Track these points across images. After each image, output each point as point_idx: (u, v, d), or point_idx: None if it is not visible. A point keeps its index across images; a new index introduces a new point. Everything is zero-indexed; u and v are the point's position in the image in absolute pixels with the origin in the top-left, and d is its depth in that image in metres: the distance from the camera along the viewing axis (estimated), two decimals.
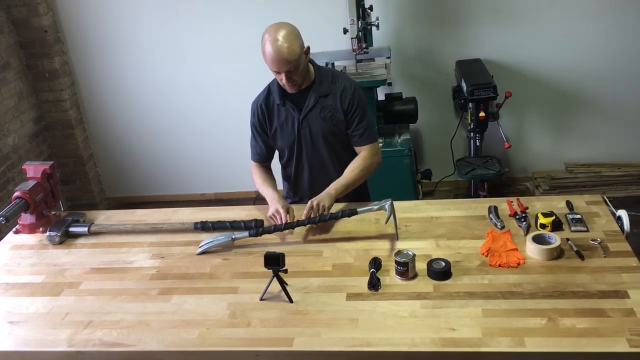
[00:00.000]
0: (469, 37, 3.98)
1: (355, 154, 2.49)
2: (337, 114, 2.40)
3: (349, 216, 2.25)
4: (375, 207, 2.23)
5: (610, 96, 4.04)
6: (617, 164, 4.17)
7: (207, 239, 2.28)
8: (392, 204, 2.19)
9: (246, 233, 2.26)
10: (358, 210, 2.25)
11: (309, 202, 2.28)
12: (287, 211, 2.30)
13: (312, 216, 2.25)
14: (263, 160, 2.58)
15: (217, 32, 4.12)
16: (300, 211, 2.29)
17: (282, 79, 2.29)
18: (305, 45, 2.29)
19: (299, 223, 2.25)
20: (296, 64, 2.25)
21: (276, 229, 2.24)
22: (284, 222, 2.26)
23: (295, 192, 2.63)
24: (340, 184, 2.37)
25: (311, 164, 2.51)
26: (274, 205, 2.34)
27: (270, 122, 2.46)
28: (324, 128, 2.41)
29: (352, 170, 2.41)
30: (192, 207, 2.62)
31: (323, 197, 2.31)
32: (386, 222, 2.20)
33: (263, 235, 2.27)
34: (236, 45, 4.14)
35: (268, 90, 2.47)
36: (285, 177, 2.64)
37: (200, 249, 2.25)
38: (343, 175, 2.41)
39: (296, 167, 2.53)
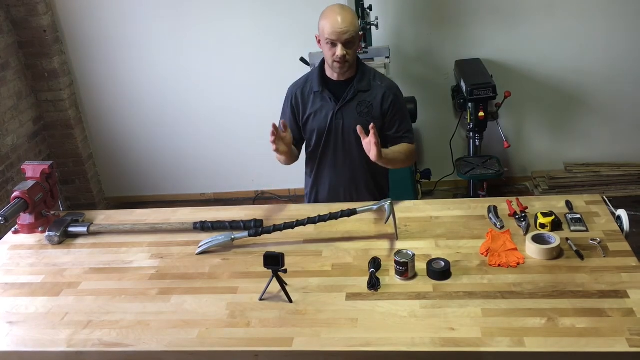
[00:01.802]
0: (469, 36, 3.99)
1: None
2: (373, 111, 2.42)
3: (348, 216, 2.25)
4: (375, 207, 2.23)
5: (610, 96, 4.05)
6: (617, 163, 4.18)
7: (207, 239, 2.28)
8: (391, 204, 2.19)
9: (245, 233, 2.26)
10: (357, 210, 2.25)
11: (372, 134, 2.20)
12: (282, 126, 2.28)
13: (373, 138, 2.18)
14: None
15: (217, 33, 4.12)
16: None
17: (337, 51, 2.29)
18: (360, 32, 2.33)
19: (299, 223, 2.24)
20: (355, 36, 2.29)
21: (276, 228, 2.24)
22: (272, 131, 2.21)
23: (313, 187, 2.63)
24: (392, 152, 2.37)
25: (336, 158, 2.51)
26: None
27: (304, 109, 2.48)
28: (357, 122, 2.40)
29: (399, 150, 2.42)
30: (192, 207, 2.62)
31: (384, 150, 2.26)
32: (385, 222, 2.20)
33: (262, 235, 2.26)
34: (236, 46, 4.14)
35: (306, 79, 2.51)
36: (308, 169, 2.64)
37: (200, 249, 2.25)
38: (394, 149, 2.41)
39: (321, 157, 2.53)
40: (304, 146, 2.62)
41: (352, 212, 2.25)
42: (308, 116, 2.48)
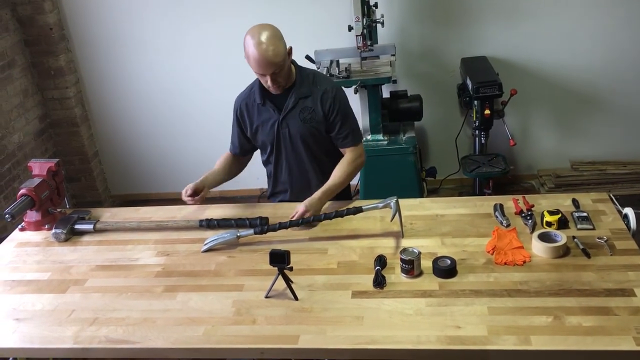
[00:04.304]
0: (474, 34, 3.97)
1: (334, 156, 2.51)
2: (316, 116, 2.41)
3: (354, 214, 2.25)
4: (381, 205, 2.22)
5: (616, 93, 4.03)
6: (623, 161, 4.16)
7: (212, 236, 2.28)
8: (397, 202, 2.18)
9: (251, 231, 2.26)
10: (363, 207, 2.25)
11: (301, 206, 2.29)
12: (195, 189, 2.37)
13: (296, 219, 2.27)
14: (236, 152, 2.62)
15: (222, 30, 4.12)
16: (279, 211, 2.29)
17: (267, 81, 2.30)
18: (288, 46, 2.31)
19: (304, 220, 2.25)
20: (281, 66, 2.26)
21: (281, 226, 2.24)
22: (183, 197, 2.35)
23: (275, 187, 2.66)
24: (329, 191, 2.38)
25: (290, 163, 2.53)
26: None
27: (251, 120, 2.49)
28: (302, 129, 2.43)
29: (339, 176, 2.42)
30: (197, 205, 2.61)
31: (313, 205, 2.31)
32: (391, 220, 2.20)
33: (268, 233, 2.26)
34: (241, 44, 4.13)
35: (250, 89, 2.50)
36: (267, 173, 2.67)
37: (206, 247, 2.26)
38: (331, 181, 2.40)
39: (275, 164, 2.56)
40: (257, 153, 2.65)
41: (357, 210, 2.24)
42: (256, 128, 2.49)
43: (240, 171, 2.69)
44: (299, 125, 2.42)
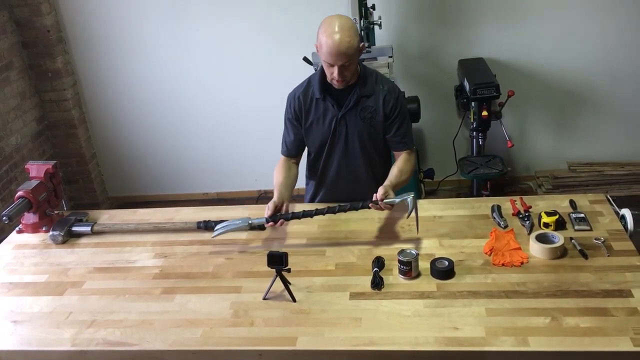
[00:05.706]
0: (472, 35, 3.98)
1: (386, 157, 2.49)
2: (376, 116, 2.37)
3: (368, 208, 2.16)
4: (398, 200, 2.13)
5: (614, 95, 4.04)
6: (620, 162, 4.17)
7: (223, 223, 2.25)
8: (414, 198, 2.11)
9: (263, 219, 2.20)
10: (379, 201, 2.14)
11: (381, 189, 2.15)
12: (275, 208, 2.22)
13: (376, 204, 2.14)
14: (292, 154, 2.51)
15: (221, 32, 4.12)
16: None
17: (334, 72, 2.24)
18: (361, 43, 2.27)
19: (318, 212, 2.21)
20: (352, 59, 2.22)
21: (294, 216, 2.21)
22: (265, 216, 2.21)
23: (319, 187, 2.59)
24: (393, 184, 2.26)
25: (340, 163, 2.47)
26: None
27: (307, 115, 2.42)
28: (361, 128, 2.38)
29: (401, 174, 2.33)
30: (195, 207, 2.62)
31: (388, 189, 2.18)
32: (407, 217, 2.14)
33: (266, 234, 2.26)
34: (239, 46, 4.14)
35: (308, 83, 2.44)
36: (310, 174, 2.60)
37: (217, 233, 2.22)
38: (393, 177, 2.30)
39: (324, 164, 2.49)
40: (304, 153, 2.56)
41: (374, 203, 2.14)
42: (310, 123, 2.42)
43: (298, 173, 2.52)
44: (357, 124, 2.37)
